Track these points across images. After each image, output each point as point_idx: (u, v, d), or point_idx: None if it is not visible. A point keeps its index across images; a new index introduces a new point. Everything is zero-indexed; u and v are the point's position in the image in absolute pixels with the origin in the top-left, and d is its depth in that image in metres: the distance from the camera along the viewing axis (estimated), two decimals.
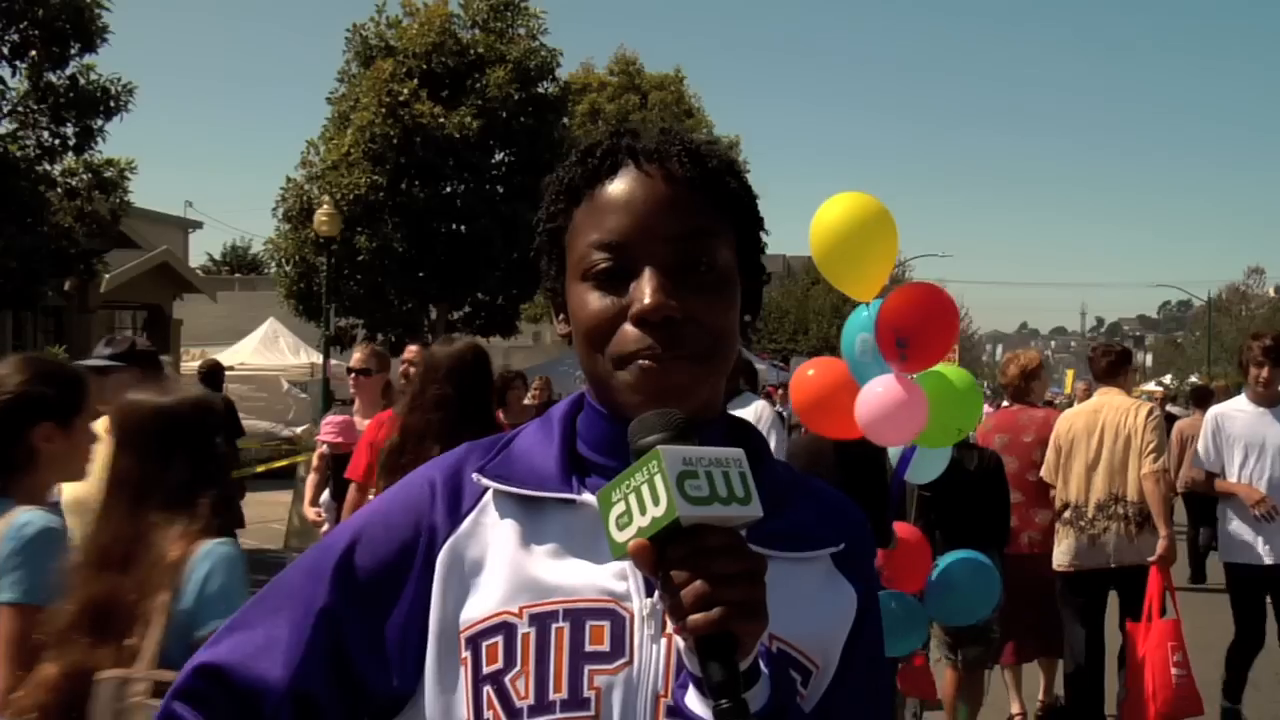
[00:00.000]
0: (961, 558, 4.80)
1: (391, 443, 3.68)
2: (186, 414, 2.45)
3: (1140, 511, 5.64)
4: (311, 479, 6.58)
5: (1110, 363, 6.10)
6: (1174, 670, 5.32)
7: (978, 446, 5.43)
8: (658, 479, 0.94)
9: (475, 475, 1.17)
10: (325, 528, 5.95)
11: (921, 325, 3.67)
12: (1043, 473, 6.00)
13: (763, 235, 1.22)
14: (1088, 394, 16.09)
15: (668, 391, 1.08)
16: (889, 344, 3.68)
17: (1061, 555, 5.84)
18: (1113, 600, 5.95)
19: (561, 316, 1.20)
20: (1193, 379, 45.67)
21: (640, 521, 0.95)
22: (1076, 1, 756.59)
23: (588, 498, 1.12)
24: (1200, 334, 62.42)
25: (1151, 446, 5.62)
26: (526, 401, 9.16)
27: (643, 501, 0.95)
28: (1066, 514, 5.83)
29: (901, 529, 4.72)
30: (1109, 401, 5.90)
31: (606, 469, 1.10)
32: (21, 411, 2.56)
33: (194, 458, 2.40)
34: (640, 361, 1.10)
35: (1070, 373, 27.67)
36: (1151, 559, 5.57)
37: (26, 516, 2.45)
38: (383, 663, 1.13)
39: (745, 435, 1.22)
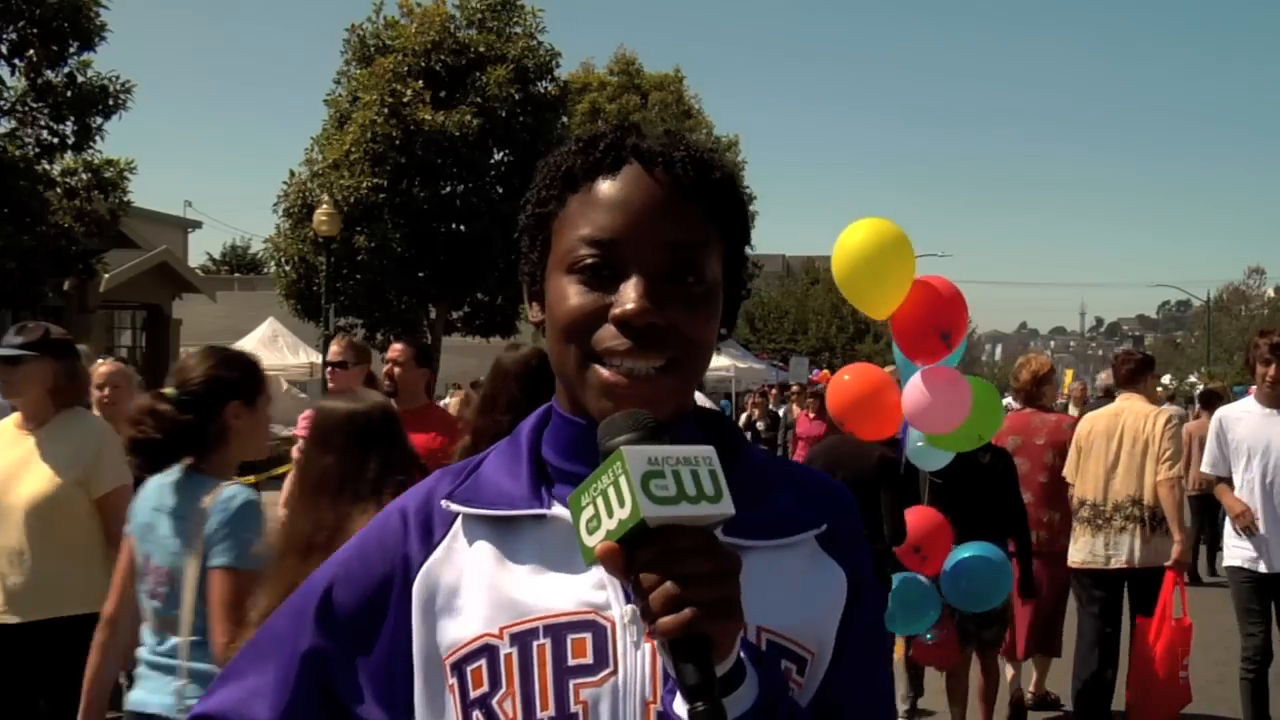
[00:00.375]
0: (975, 549, 4.87)
1: (464, 445, 3.78)
2: (377, 417, 2.74)
3: (1154, 515, 5.77)
4: (291, 476, 6.44)
5: (1131, 370, 6.26)
6: (1181, 674, 5.60)
7: (992, 445, 5.50)
8: (622, 480, 0.91)
9: (444, 502, 1.15)
10: None
11: (953, 314, 4.07)
12: (1065, 471, 6.17)
13: (748, 249, 1.19)
14: (1084, 394, 16.16)
15: (636, 402, 1.04)
16: (934, 341, 3.92)
17: (1078, 552, 5.96)
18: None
19: (535, 304, 1.17)
20: (1191, 379, 45.76)
21: (608, 524, 0.92)
22: (1077, 1, 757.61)
23: (558, 510, 1.10)
24: (1200, 334, 62.49)
25: (1168, 454, 5.76)
26: None
27: (609, 504, 0.92)
28: (1084, 512, 5.96)
29: (923, 511, 4.82)
30: (1130, 406, 6.06)
31: (576, 476, 1.05)
32: (214, 393, 2.86)
33: (382, 455, 2.66)
34: (613, 363, 1.06)
35: (1070, 372, 27.63)
36: (1167, 563, 5.70)
37: (232, 491, 2.75)
38: (373, 698, 1.14)
39: (717, 428, 1.19)
